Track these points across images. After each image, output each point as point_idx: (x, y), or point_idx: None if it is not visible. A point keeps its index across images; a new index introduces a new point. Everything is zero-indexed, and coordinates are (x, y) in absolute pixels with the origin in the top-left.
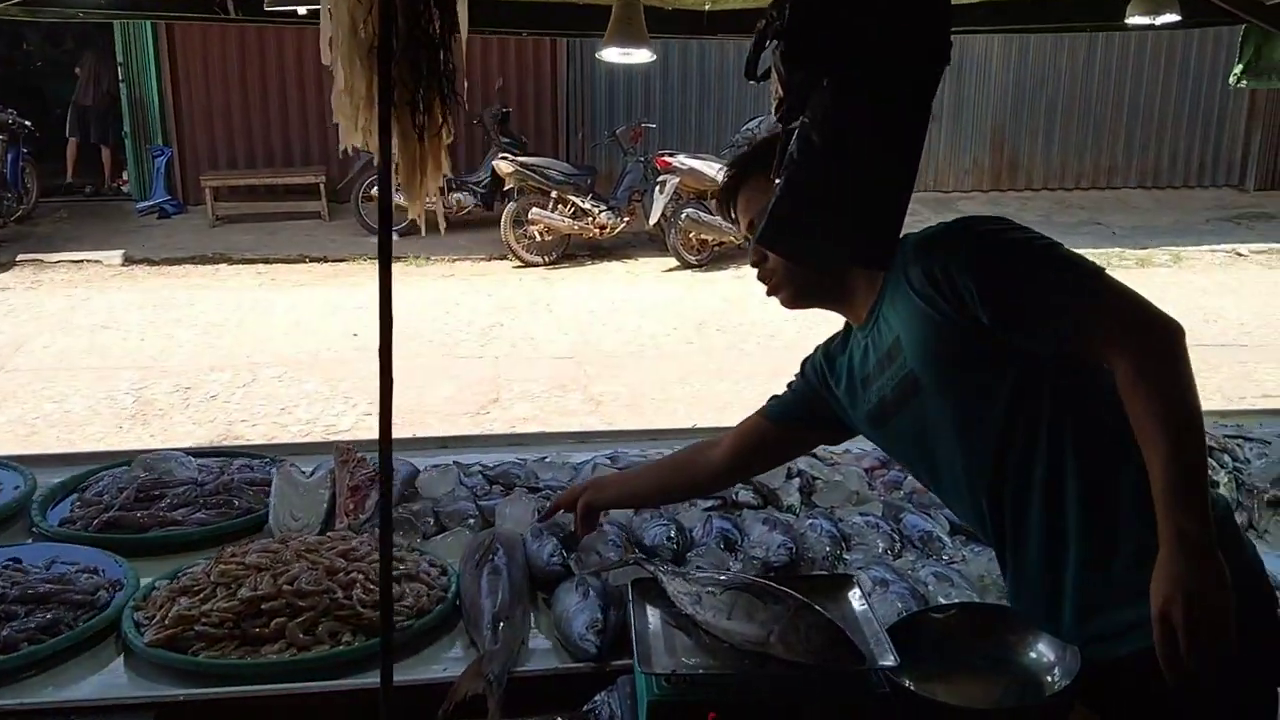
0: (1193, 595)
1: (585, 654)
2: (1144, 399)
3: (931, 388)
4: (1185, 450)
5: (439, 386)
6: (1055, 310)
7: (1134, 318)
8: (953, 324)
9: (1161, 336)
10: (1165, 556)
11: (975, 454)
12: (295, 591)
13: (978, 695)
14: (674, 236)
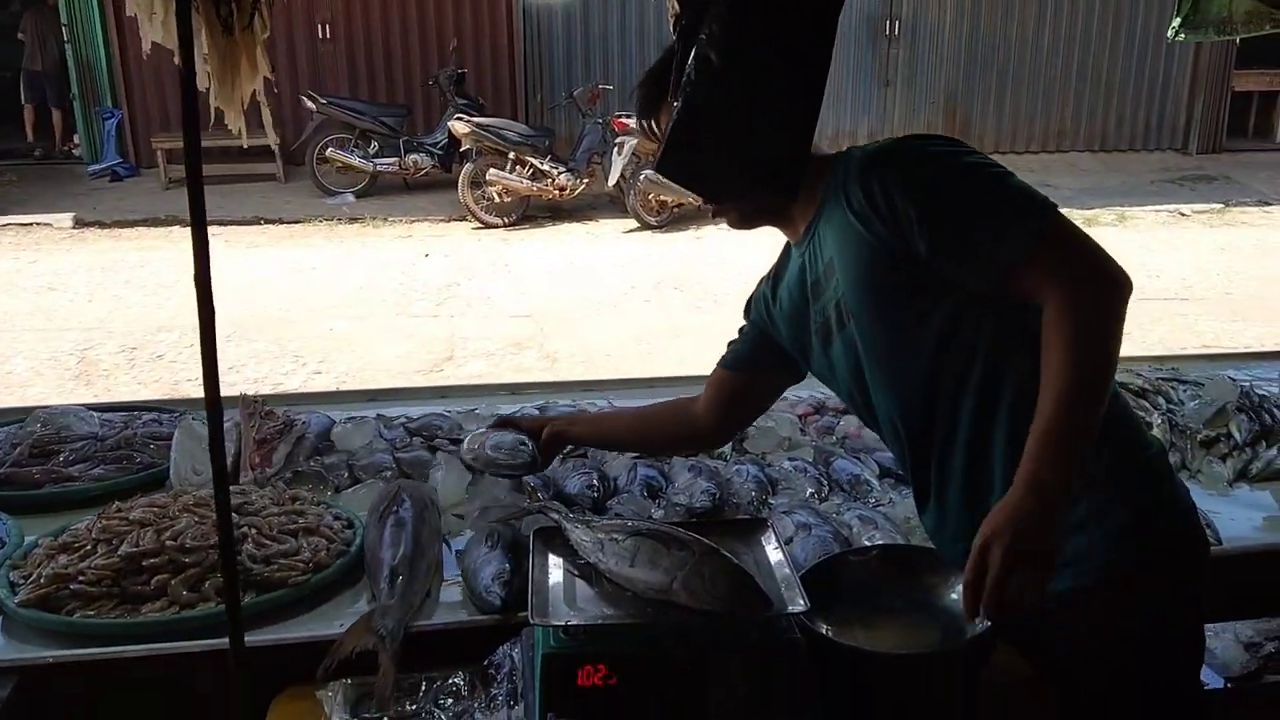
0: (1021, 542)
1: (491, 606)
2: (1061, 339)
3: (863, 317)
4: (1081, 405)
5: (392, 345)
6: (996, 240)
7: (1078, 259)
8: (888, 250)
9: (1103, 285)
10: (1012, 496)
11: (903, 391)
12: (179, 547)
13: (898, 639)
14: (633, 198)
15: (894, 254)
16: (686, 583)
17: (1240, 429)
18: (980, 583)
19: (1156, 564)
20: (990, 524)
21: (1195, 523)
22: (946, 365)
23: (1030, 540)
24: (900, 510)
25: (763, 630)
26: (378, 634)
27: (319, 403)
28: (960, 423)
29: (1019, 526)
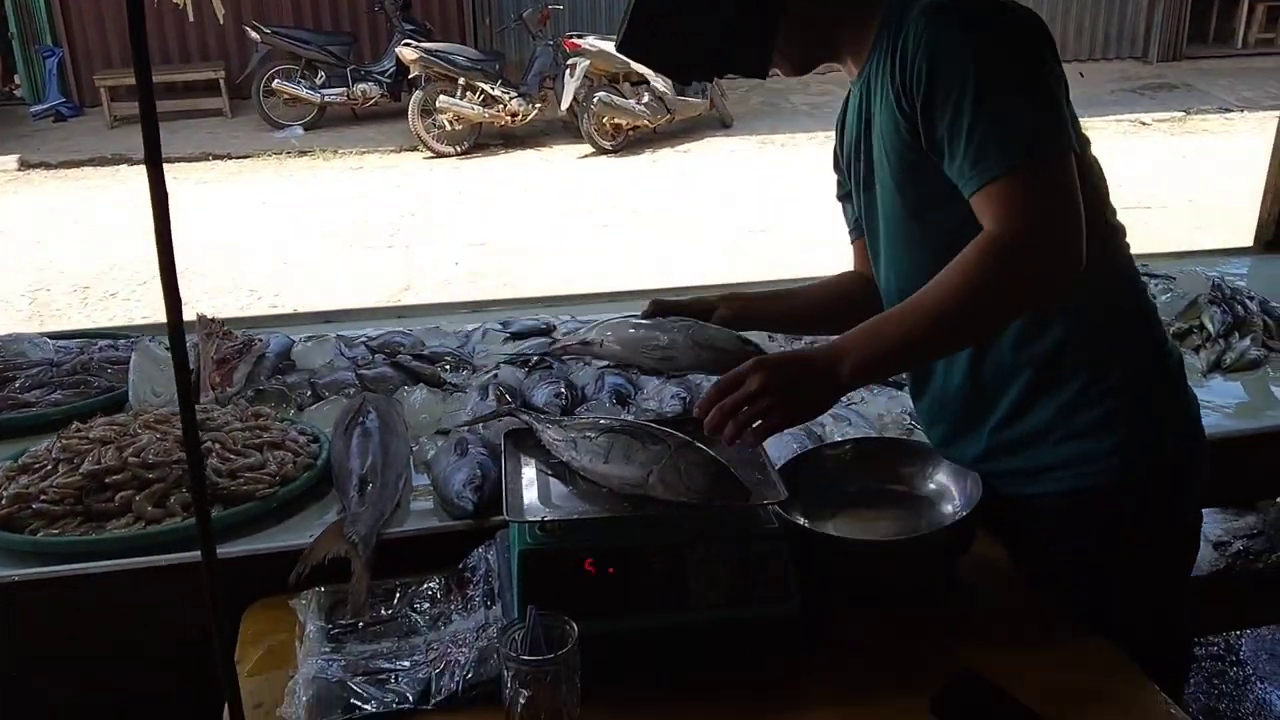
0: (786, 386)
1: (463, 511)
2: (963, 270)
3: (886, 180)
4: (929, 337)
5: (348, 277)
6: (978, 151)
7: (1037, 215)
8: (910, 125)
9: (1052, 245)
10: (810, 353)
11: (913, 267)
12: (142, 463)
13: (876, 529)
14: (587, 122)
15: (914, 130)
16: (663, 476)
17: (1213, 321)
18: (723, 395)
19: (1162, 472)
20: (773, 357)
21: (1200, 433)
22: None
23: (793, 391)
24: (872, 408)
25: (741, 521)
26: (349, 541)
27: (276, 325)
28: None
29: (794, 373)
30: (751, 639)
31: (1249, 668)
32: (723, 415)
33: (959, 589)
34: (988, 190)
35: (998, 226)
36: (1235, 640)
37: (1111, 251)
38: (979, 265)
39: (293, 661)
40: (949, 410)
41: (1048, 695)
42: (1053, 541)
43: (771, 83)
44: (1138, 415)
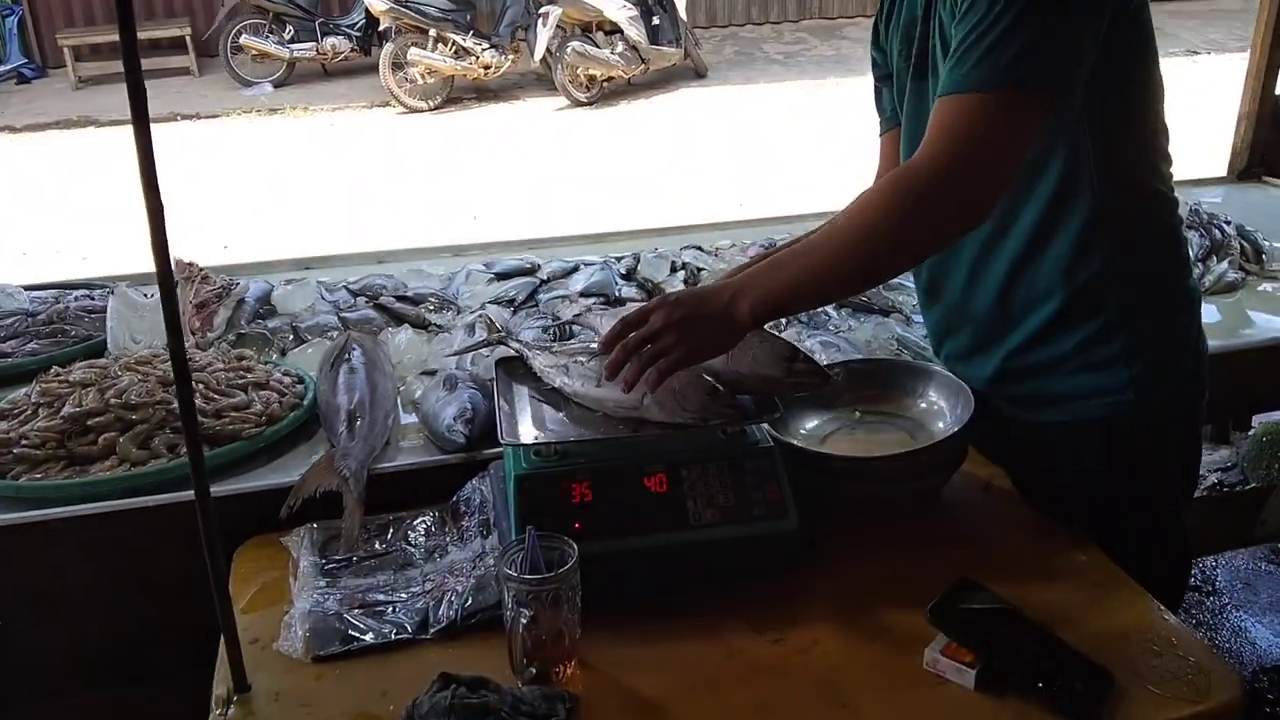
0: (686, 327)
1: (455, 445)
2: (881, 196)
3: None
4: (835, 264)
5: (322, 237)
6: (959, 61)
7: (972, 145)
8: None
9: (966, 191)
10: (716, 288)
11: None
12: (124, 405)
13: (869, 448)
14: (561, 73)
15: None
16: (657, 397)
17: (1192, 245)
18: (629, 329)
19: (1172, 406)
20: (679, 293)
21: (1206, 368)
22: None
23: (693, 328)
24: (860, 335)
25: (737, 439)
26: (341, 475)
27: (254, 273)
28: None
29: (695, 309)
30: (750, 555)
31: (1225, 597)
32: (625, 353)
33: (955, 506)
34: (944, 101)
35: (921, 153)
36: (1211, 570)
37: (1165, 186)
38: (890, 203)
39: (287, 597)
40: (968, 325)
41: (1044, 605)
42: (1058, 467)
43: (745, 32)
44: (1155, 351)
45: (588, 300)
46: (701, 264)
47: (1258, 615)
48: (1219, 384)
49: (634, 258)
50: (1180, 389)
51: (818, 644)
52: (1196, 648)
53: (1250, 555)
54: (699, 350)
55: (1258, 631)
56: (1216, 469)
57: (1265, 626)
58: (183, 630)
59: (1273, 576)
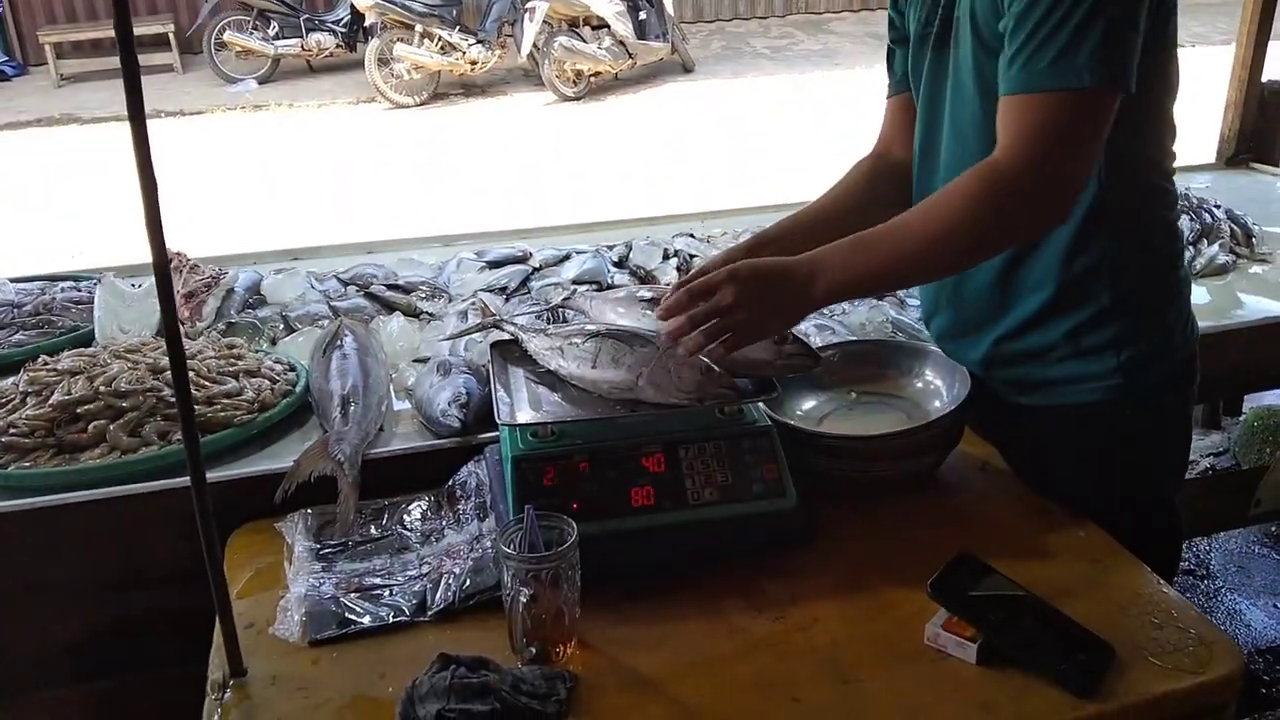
0: (756, 304)
1: (449, 429)
2: (960, 194)
3: (968, 46)
4: (915, 255)
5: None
6: (1031, 58)
7: (1060, 147)
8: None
9: (1046, 190)
10: (789, 265)
11: (966, 149)
12: (114, 392)
13: (865, 427)
14: (548, 68)
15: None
16: (652, 378)
17: (1182, 228)
18: (693, 300)
19: (1161, 390)
20: (749, 269)
21: (1196, 356)
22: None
23: (765, 305)
24: (854, 318)
25: (734, 418)
26: (335, 460)
27: (242, 264)
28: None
29: (769, 287)
30: (749, 534)
31: (1219, 580)
32: (692, 324)
33: (952, 484)
34: (1022, 99)
35: (1009, 152)
36: (1205, 554)
37: (1168, 182)
38: (974, 198)
39: (282, 582)
40: (961, 304)
41: (1043, 580)
42: (1047, 450)
43: (732, 27)
44: (1145, 340)
45: (580, 288)
46: (694, 251)
47: (1252, 597)
48: (1209, 366)
49: (626, 245)
50: (1170, 376)
51: (818, 621)
52: (1196, 620)
53: (1244, 538)
54: (767, 327)
55: (1252, 614)
56: (1208, 454)
57: (1259, 609)
58: (176, 618)
59: (1266, 559)
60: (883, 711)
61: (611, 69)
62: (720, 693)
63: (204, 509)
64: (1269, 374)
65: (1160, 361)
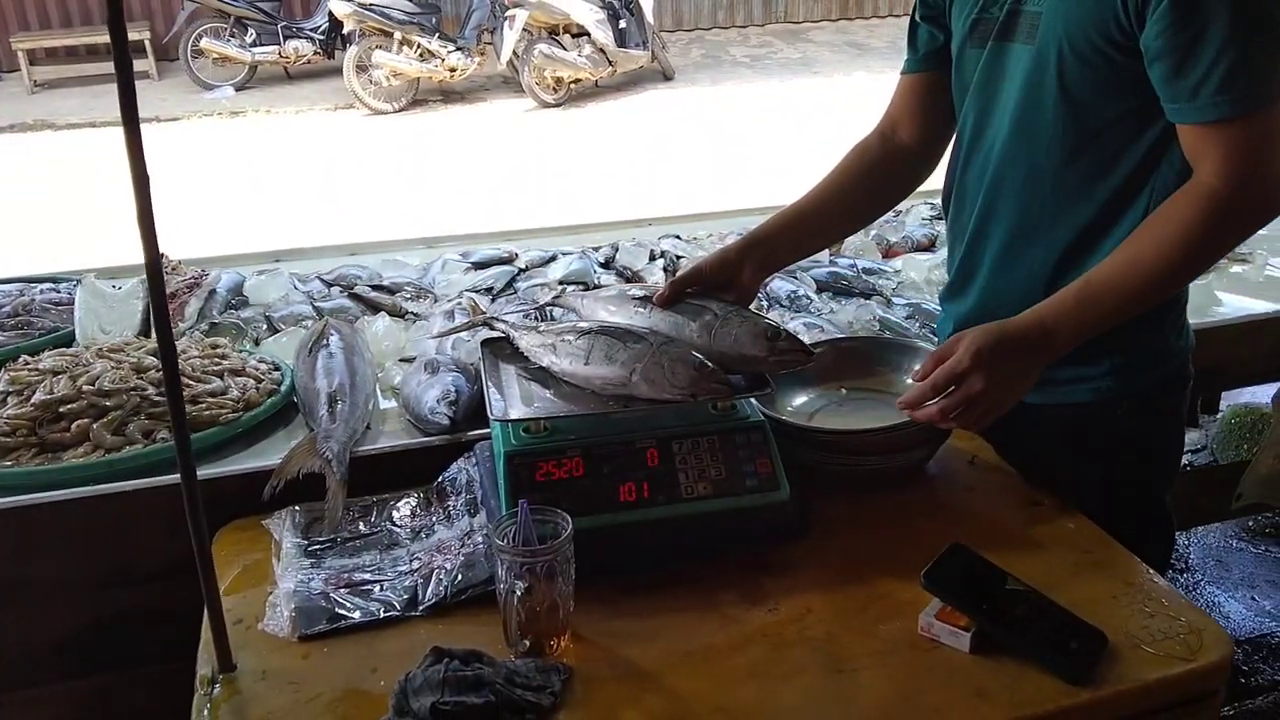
0: (1004, 381)
1: (439, 427)
2: (1186, 222)
3: (1043, 47)
4: (1145, 296)
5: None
6: (1218, 84)
7: (1258, 166)
8: (1113, 11)
9: (1264, 203)
10: (1021, 332)
11: (1035, 145)
12: (97, 391)
13: (857, 423)
14: (528, 75)
15: (1116, 18)
16: (646, 374)
17: None
18: (942, 389)
19: (1158, 394)
20: (987, 344)
21: (1190, 360)
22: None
23: (1009, 385)
24: (842, 317)
25: (727, 413)
26: (323, 457)
27: (224, 265)
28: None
29: (1011, 367)
30: (742, 527)
31: (1198, 573)
32: (944, 415)
33: (942, 478)
34: (1219, 128)
35: (1216, 176)
36: (1184, 548)
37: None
38: (1201, 226)
39: (270, 578)
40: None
41: (1035, 571)
42: (1043, 448)
43: (711, 35)
44: (1139, 343)
45: (567, 289)
46: (680, 252)
47: (1230, 590)
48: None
49: (612, 247)
50: (1163, 379)
51: (812, 612)
52: (1186, 608)
53: (1222, 532)
54: (1013, 398)
55: (1230, 606)
56: (1186, 450)
57: (1238, 601)
58: (162, 615)
59: (1243, 553)
60: (878, 700)
61: (591, 76)
62: (715, 684)
63: (194, 503)
64: (1250, 371)
65: (1154, 365)
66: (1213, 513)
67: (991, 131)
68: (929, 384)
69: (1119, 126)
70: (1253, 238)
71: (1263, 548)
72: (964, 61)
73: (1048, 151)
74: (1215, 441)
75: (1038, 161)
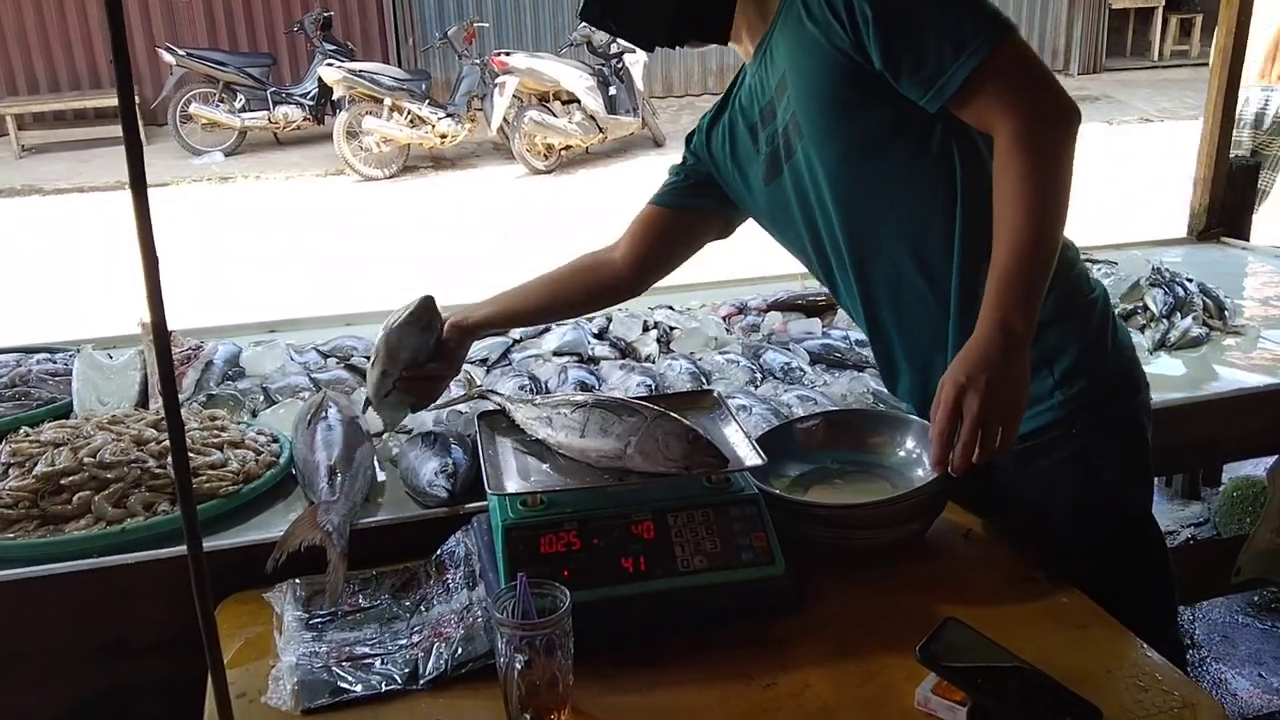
0: (995, 390)
1: (437, 499)
2: (1016, 169)
3: (815, 137)
4: (1042, 240)
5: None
6: (948, 55)
7: (1029, 88)
8: (846, 60)
9: (1055, 116)
10: (981, 341)
11: (851, 219)
12: (99, 463)
13: (848, 497)
14: (518, 142)
15: (851, 64)
16: (640, 447)
17: (1156, 302)
18: (951, 432)
19: (1108, 400)
20: (961, 370)
21: (1135, 358)
22: (901, 192)
23: (1003, 387)
24: (836, 389)
25: (721, 487)
26: (324, 529)
27: (220, 336)
28: (905, 258)
29: (992, 374)
30: (738, 601)
31: (1204, 650)
32: (968, 450)
33: (937, 551)
34: (975, 86)
35: (1008, 119)
36: (1189, 624)
37: None
38: (1030, 159)
39: (272, 652)
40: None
41: (1029, 645)
42: (1014, 487)
43: (701, 102)
44: (1070, 348)
45: (561, 359)
46: (674, 323)
47: (1237, 667)
48: (1187, 436)
49: (605, 317)
50: (1111, 387)
51: (809, 687)
52: (1180, 683)
53: (1227, 608)
54: (1017, 396)
55: (1238, 683)
56: (1189, 524)
57: (1245, 678)
58: (163, 689)
59: (1250, 629)
60: None
61: (582, 143)
62: None
63: (201, 576)
64: (1245, 445)
65: (1095, 371)
66: (1215, 586)
67: (826, 231)
68: (936, 434)
69: (902, 147)
70: (1246, 312)
71: (1269, 623)
72: (768, 198)
73: (873, 208)
74: (1218, 514)
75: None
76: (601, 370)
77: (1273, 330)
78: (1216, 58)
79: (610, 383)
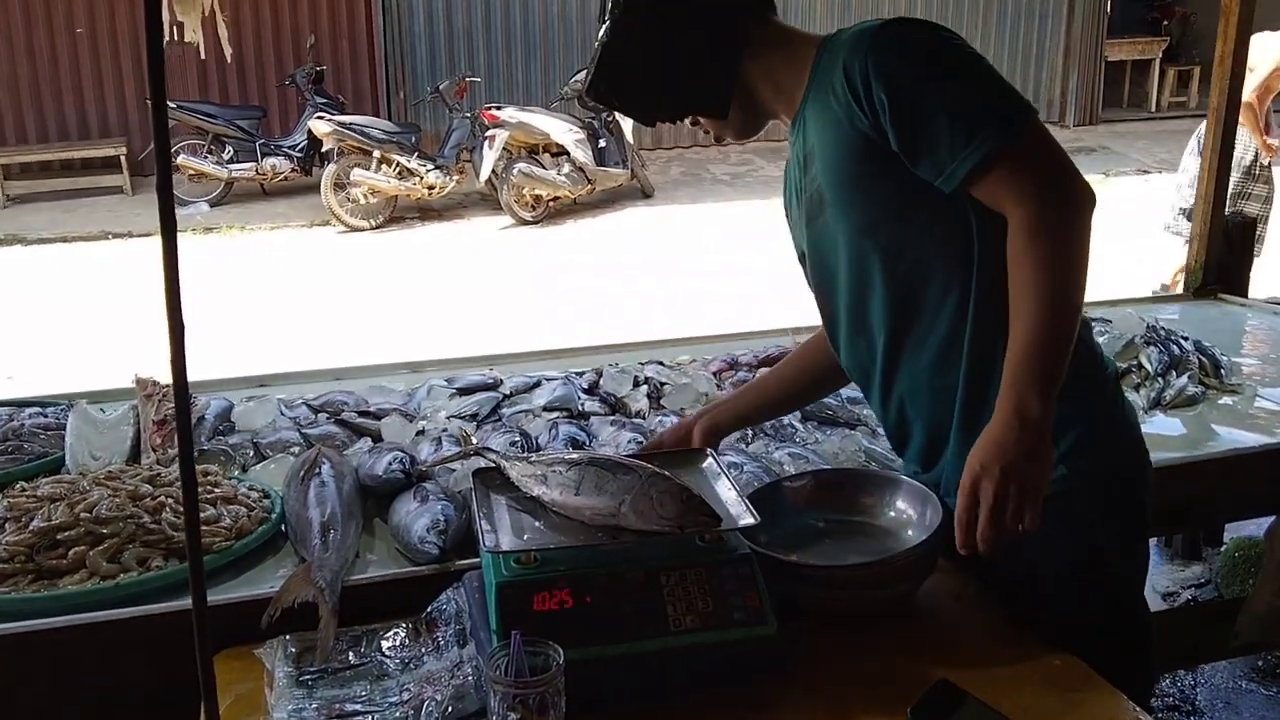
0: (1012, 474)
1: (428, 556)
2: (1032, 256)
3: (835, 208)
4: (1057, 327)
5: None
6: (963, 140)
7: (1049, 167)
8: (865, 140)
9: (1071, 201)
10: (997, 428)
11: (868, 290)
12: (95, 519)
13: (840, 557)
14: (507, 193)
15: (870, 143)
16: (634, 505)
17: (1151, 360)
18: (972, 517)
19: (1111, 478)
20: (977, 458)
21: (1141, 438)
22: (917, 269)
23: (1021, 471)
24: (827, 447)
25: (714, 546)
26: (316, 586)
27: (210, 390)
28: (927, 333)
29: (1010, 457)
30: (730, 660)
31: (1206, 717)
32: (988, 535)
33: (928, 612)
34: (990, 171)
35: (1023, 203)
36: (1190, 690)
37: None
38: (1046, 244)
39: (263, 708)
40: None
41: (1021, 708)
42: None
43: (692, 153)
44: (1083, 424)
45: (551, 415)
46: (664, 379)
47: None
48: (1186, 495)
49: (595, 373)
50: (1115, 464)
51: None
52: None
53: (1230, 673)
54: (1040, 484)
55: None
56: (1190, 585)
57: None
58: None
59: (1253, 695)
60: None
61: (570, 194)
62: None
63: (203, 633)
64: (1244, 504)
65: (1102, 447)
66: (1215, 650)
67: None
68: (956, 520)
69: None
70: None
71: (1274, 689)
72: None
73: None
74: (1219, 575)
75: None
76: (592, 426)
77: (1270, 389)
78: (1211, 117)
79: (601, 438)
